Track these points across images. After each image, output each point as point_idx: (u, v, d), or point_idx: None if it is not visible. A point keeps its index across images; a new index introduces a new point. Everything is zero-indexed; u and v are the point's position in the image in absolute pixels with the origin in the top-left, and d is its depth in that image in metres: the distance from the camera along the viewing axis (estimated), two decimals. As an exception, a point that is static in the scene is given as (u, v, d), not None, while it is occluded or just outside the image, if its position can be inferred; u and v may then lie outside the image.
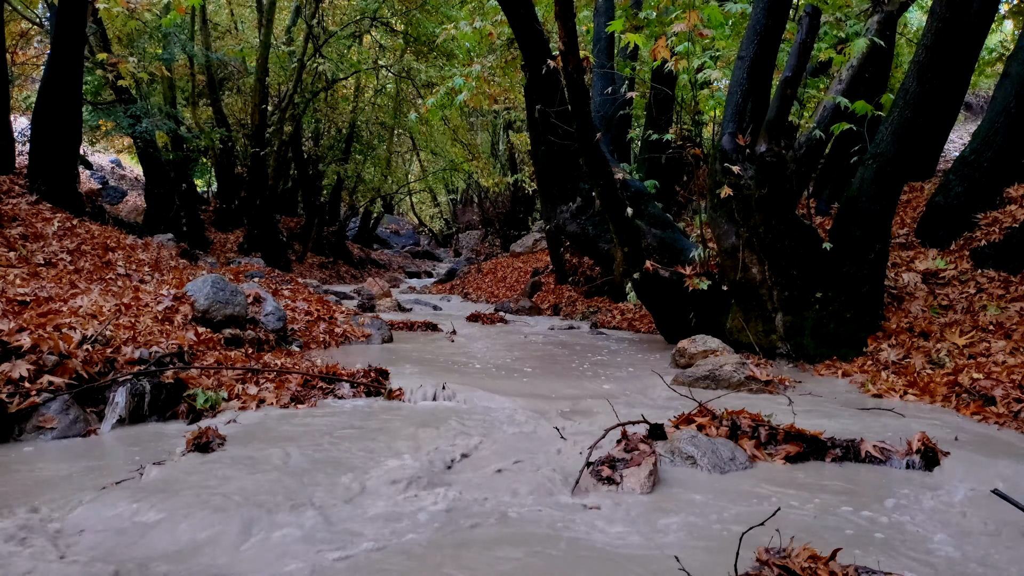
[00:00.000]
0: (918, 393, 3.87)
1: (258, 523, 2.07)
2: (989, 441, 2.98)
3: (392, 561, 1.87)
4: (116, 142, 18.87)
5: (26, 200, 7.48)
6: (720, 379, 4.14)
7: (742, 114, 4.90)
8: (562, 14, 4.59)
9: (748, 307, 5.18)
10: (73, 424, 3.01)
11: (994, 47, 12.50)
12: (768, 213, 4.75)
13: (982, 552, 1.99)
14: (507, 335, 7.25)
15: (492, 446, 2.95)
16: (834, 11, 6.20)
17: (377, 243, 26.65)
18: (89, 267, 6.08)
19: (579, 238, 7.13)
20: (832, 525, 2.15)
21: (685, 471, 2.64)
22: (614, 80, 7.81)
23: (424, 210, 34.42)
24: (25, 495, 2.28)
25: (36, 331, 3.34)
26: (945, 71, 4.82)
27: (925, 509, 2.30)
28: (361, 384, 3.96)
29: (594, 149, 5.25)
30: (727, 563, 1.78)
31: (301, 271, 15.27)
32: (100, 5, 9.21)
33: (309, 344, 5.55)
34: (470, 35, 8.17)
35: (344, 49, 16.10)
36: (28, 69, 14.87)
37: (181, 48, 13.21)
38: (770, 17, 4.83)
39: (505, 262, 16.72)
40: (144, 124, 11.43)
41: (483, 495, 2.37)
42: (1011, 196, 6.14)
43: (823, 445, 2.84)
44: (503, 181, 19.06)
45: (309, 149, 18.10)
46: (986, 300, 4.89)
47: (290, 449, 2.82)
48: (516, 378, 4.52)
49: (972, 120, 17.66)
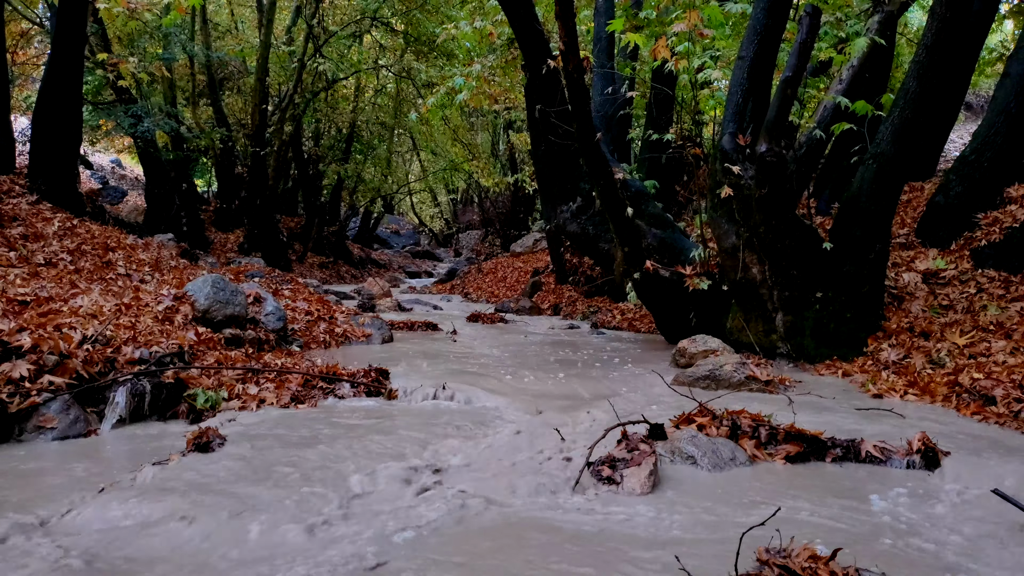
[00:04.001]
0: (918, 393, 3.87)
1: (259, 523, 2.07)
2: (990, 441, 2.98)
3: (393, 562, 1.87)
4: (116, 142, 18.89)
5: (26, 200, 7.48)
6: (720, 379, 4.14)
7: (742, 114, 4.90)
8: (562, 14, 4.59)
9: (748, 307, 5.18)
10: (73, 424, 3.01)
11: (994, 47, 12.49)
12: (768, 213, 4.75)
13: (983, 552, 1.99)
14: (507, 335, 7.26)
15: (492, 446, 2.95)
16: (834, 11, 6.20)
17: (377, 243, 26.66)
18: (89, 267, 6.08)
19: (579, 238, 7.13)
20: (832, 525, 2.15)
21: (685, 471, 2.64)
22: (614, 80, 7.81)
23: (424, 210, 34.42)
24: (25, 495, 2.28)
25: (36, 331, 3.34)
26: (945, 71, 4.82)
27: (925, 509, 2.30)
28: (361, 384, 3.96)
29: (594, 149, 5.25)
30: (727, 563, 1.78)
31: (301, 271, 15.28)
32: (100, 5, 9.22)
33: (309, 344, 5.55)
34: (470, 35, 8.18)
35: (344, 49, 16.11)
36: (28, 69, 14.89)
37: (181, 48, 13.21)
38: (770, 17, 4.83)
39: (505, 262, 16.72)
40: (145, 124, 11.43)
41: (484, 494, 2.37)
42: (1011, 196, 6.15)
43: (823, 445, 2.83)
44: (503, 181, 19.06)
45: (309, 149, 18.10)
46: (986, 300, 4.89)
47: (290, 449, 2.83)
48: (516, 378, 4.52)
49: (972, 120, 17.66)
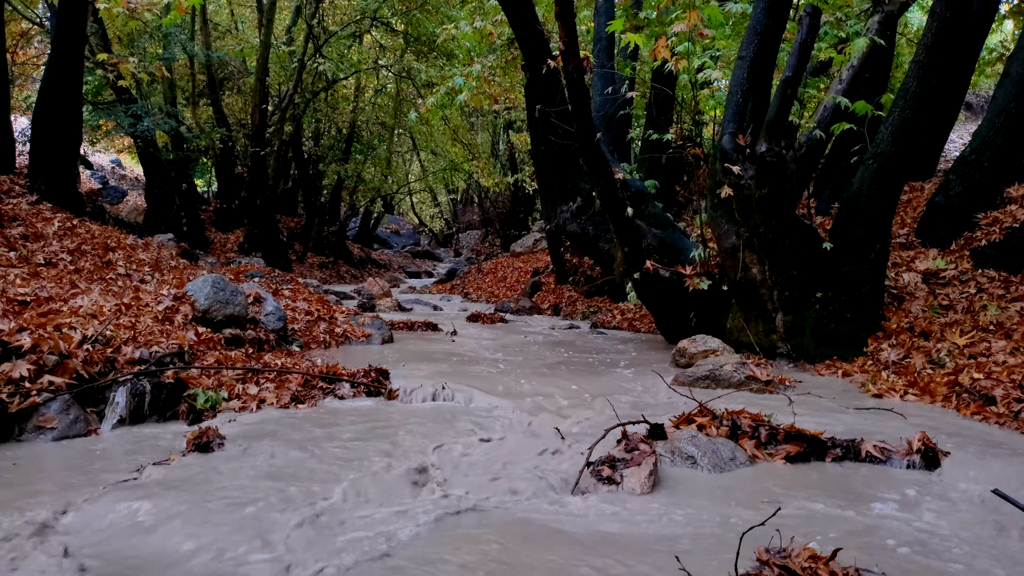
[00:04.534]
0: (918, 393, 3.87)
1: (259, 523, 2.07)
2: (990, 441, 2.97)
3: (394, 562, 1.87)
4: (116, 142, 18.88)
5: (26, 200, 7.48)
6: (720, 379, 4.14)
7: (742, 114, 4.90)
8: (562, 14, 4.59)
9: (748, 307, 5.18)
10: (73, 424, 3.01)
11: (994, 47, 12.49)
12: (768, 213, 4.75)
13: (983, 552, 1.99)
14: (507, 335, 7.26)
15: (492, 446, 2.95)
16: (834, 11, 6.20)
17: (377, 243, 26.66)
18: (89, 267, 6.08)
19: (579, 238, 7.13)
20: (832, 525, 2.15)
21: (685, 471, 2.64)
22: (614, 80, 7.81)
23: (424, 210, 34.42)
24: (25, 495, 2.28)
25: (36, 331, 3.34)
26: (945, 71, 4.82)
27: (926, 509, 2.30)
28: (361, 384, 3.96)
29: (594, 149, 5.25)
30: (727, 563, 1.78)
31: (301, 271, 15.28)
32: (100, 5, 9.22)
33: (309, 344, 5.55)
34: (470, 35, 8.19)
35: (344, 49, 16.10)
36: (28, 69, 14.90)
37: (181, 48, 13.21)
38: (770, 17, 4.83)
39: (505, 262, 16.72)
40: (145, 123, 11.42)
41: (484, 494, 2.37)
42: (1011, 196, 6.15)
43: (823, 445, 2.83)
44: (503, 181, 19.06)
45: (309, 149, 18.10)
46: (986, 300, 4.89)
47: (290, 449, 2.83)
48: (516, 378, 4.52)
49: (972, 120, 17.66)
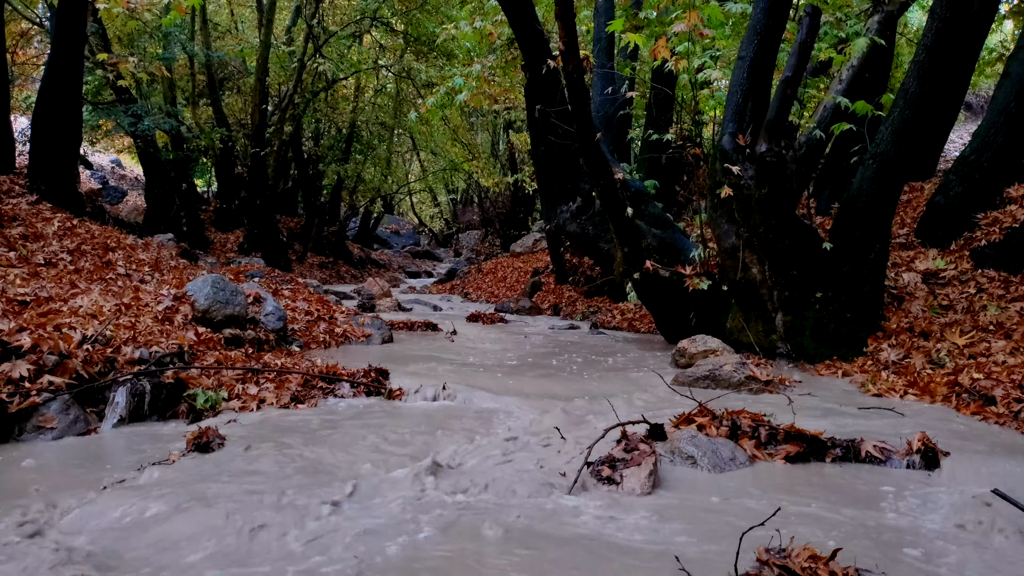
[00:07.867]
0: (918, 393, 3.87)
1: (259, 523, 2.07)
2: (989, 441, 2.98)
3: (394, 562, 1.87)
4: (116, 142, 18.88)
5: (26, 200, 7.48)
6: (720, 379, 4.14)
7: (742, 114, 4.90)
8: (562, 14, 4.59)
9: (748, 307, 5.18)
10: (73, 424, 3.01)
11: (994, 47, 12.50)
12: (768, 213, 4.75)
13: (983, 552, 1.99)
14: (507, 335, 7.26)
15: (491, 445, 2.95)
16: (834, 11, 6.20)
17: (377, 243, 26.64)
18: (89, 267, 6.08)
19: (579, 238, 7.13)
20: (832, 525, 2.15)
21: (685, 471, 2.64)
22: (614, 80, 7.81)
23: (424, 210, 34.41)
24: (25, 495, 2.28)
25: (36, 331, 3.34)
26: (945, 71, 4.82)
27: (925, 509, 2.30)
28: (361, 384, 3.96)
29: (594, 149, 5.25)
30: (727, 563, 1.78)
31: (301, 271, 15.27)
32: (100, 5, 9.21)
33: (309, 344, 5.55)
34: (470, 35, 8.19)
35: (344, 49, 16.09)
36: (28, 69, 14.89)
37: (181, 48, 13.20)
38: (770, 17, 4.83)
39: (505, 262, 16.71)
40: (145, 123, 11.42)
41: (484, 495, 2.37)
42: (1011, 196, 6.15)
43: (823, 445, 2.83)
44: (503, 181, 19.06)
45: (309, 149, 18.09)
46: (986, 300, 4.89)
47: (290, 449, 2.83)
48: (516, 378, 4.52)
49: (972, 120, 17.65)
